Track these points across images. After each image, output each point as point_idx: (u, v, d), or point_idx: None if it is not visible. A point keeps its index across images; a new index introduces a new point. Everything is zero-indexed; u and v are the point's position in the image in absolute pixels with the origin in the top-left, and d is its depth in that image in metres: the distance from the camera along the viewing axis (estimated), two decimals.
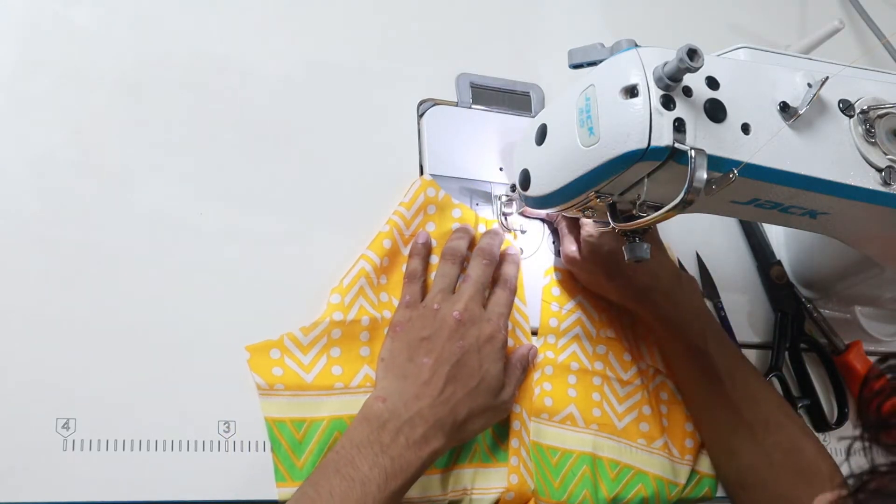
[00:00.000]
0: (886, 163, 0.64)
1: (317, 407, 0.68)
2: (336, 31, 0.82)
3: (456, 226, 0.76)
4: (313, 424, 0.68)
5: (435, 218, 0.77)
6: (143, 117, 0.72)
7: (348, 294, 0.71)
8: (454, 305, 0.70)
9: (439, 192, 0.77)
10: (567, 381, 0.76)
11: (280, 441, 0.67)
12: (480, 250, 0.75)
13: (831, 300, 0.90)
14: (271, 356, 0.69)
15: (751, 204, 0.65)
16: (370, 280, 0.73)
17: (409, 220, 0.76)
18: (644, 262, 0.68)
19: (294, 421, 0.67)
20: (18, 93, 0.70)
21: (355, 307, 0.71)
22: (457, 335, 0.68)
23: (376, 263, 0.73)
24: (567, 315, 0.78)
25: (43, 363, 0.63)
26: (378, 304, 0.73)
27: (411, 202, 0.76)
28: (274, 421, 0.67)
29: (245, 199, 0.73)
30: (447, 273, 0.73)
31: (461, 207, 0.78)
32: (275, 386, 0.68)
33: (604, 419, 0.75)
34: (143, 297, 0.67)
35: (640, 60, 0.60)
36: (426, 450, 0.63)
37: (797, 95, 0.62)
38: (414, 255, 0.74)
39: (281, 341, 0.69)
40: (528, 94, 0.86)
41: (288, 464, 0.66)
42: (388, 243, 0.74)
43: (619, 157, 0.60)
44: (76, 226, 0.67)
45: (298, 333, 0.70)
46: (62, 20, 0.73)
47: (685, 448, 0.79)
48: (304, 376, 0.69)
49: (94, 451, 0.62)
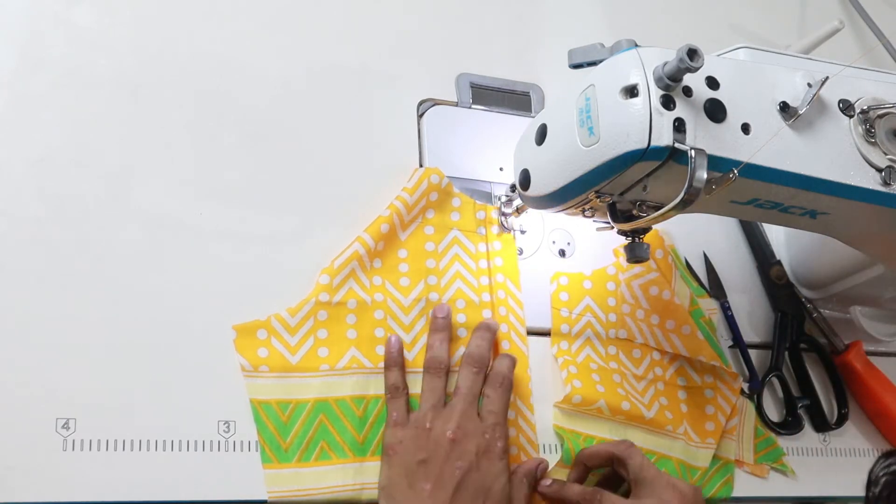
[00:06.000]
0: (886, 163, 0.64)
1: (302, 388, 0.69)
2: (336, 32, 0.82)
3: (440, 314, 0.73)
4: (298, 406, 0.68)
5: (435, 205, 0.77)
6: (143, 117, 0.72)
7: (338, 276, 0.72)
8: (447, 424, 0.67)
9: (443, 180, 0.78)
10: (593, 379, 0.76)
11: (265, 422, 0.67)
12: (469, 357, 0.71)
13: (831, 300, 0.90)
14: (258, 336, 0.69)
15: (751, 204, 0.65)
16: (362, 263, 0.73)
17: (411, 206, 0.76)
18: (643, 261, 0.68)
19: (279, 402, 0.68)
20: (18, 93, 0.70)
21: (343, 289, 0.72)
22: (454, 455, 0.66)
23: (370, 247, 0.73)
24: (577, 319, 0.79)
25: (43, 363, 0.63)
26: (370, 287, 0.73)
27: (414, 188, 0.76)
28: (259, 402, 0.67)
29: (245, 199, 0.73)
30: (434, 388, 0.70)
31: (460, 196, 0.79)
32: (259, 368, 0.68)
33: (633, 410, 0.76)
34: (142, 297, 0.67)
35: (640, 60, 0.60)
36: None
37: (797, 95, 0.62)
38: (391, 366, 0.71)
39: (268, 322, 0.69)
40: (528, 94, 0.86)
41: (274, 445, 0.67)
42: (386, 227, 0.74)
43: (619, 157, 0.60)
44: (76, 226, 0.68)
45: (285, 314, 0.70)
46: (62, 20, 0.73)
47: (706, 431, 0.79)
48: (289, 358, 0.69)
49: (94, 451, 0.62)
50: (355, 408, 0.70)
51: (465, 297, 0.76)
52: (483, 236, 0.79)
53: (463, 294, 0.76)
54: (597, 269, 0.81)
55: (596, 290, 0.81)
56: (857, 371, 0.86)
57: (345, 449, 0.68)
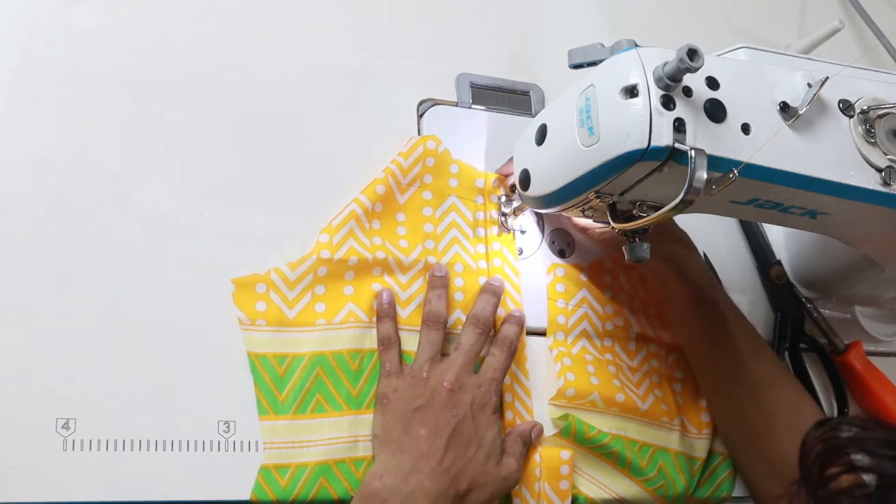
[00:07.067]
0: (886, 163, 0.64)
1: (299, 343, 0.69)
2: (336, 32, 0.82)
3: (437, 272, 0.74)
4: (295, 359, 0.69)
5: (433, 171, 0.77)
6: (143, 117, 0.72)
7: (337, 234, 0.72)
8: (444, 375, 0.68)
9: (439, 146, 0.78)
10: (587, 371, 0.76)
11: (262, 375, 0.67)
12: (474, 317, 0.72)
13: (831, 300, 0.90)
14: (256, 290, 0.69)
15: (751, 204, 0.65)
16: (360, 223, 0.73)
17: (407, 170, 0.76)
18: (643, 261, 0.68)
19: (276, 356, 0.68)
20: (18, 93, 0.70)
21: (344, 247, 0.72)
22: (450, 404, 0.67)
23: (367, 207, 0.74)
24: (573, 311, 0.79)
25: (43, 363, 0.63)
26: (371, 246, 0.73)
27: (409, 152, 0.77)
28: (256, 355, 0.68)
29: (245, 199, 0.73)
30: (432, 340, 0.70)
31: (459, 164, 0.79)
32: (256, 321, 0.68)
33: (628, 402, 0.76)
34: (142, 297, 0.67)
35: (640, 60, 0.60)
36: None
37: (797, 95, 0.62)
38: (383, 317, 0.71)
39: (267, 276, 0.70)
40: (528, 94, 0.86)
41: (270, 397, 0.67)
42: (382, 189, 0.75)
43: (619, 157, 0.60)
44: (76, 226, 0.67)
45: (285, 268, 0.70)
46: (62, 20, 0.73)
47: (702, 423, 0.80)
48: (286, 312, 0.69)
49: (94, 451, 0.62)
50: (351, 361, 0.70)
51: (462, 261, 0.76)
52: (481, 205, 0.79)
53: (460, 258, 0.76)
54: (594, 260, 0.82)
55: (592, 281, 0.81)
56: (857, 371, 0.86)
57: (340, 402, 0.69)
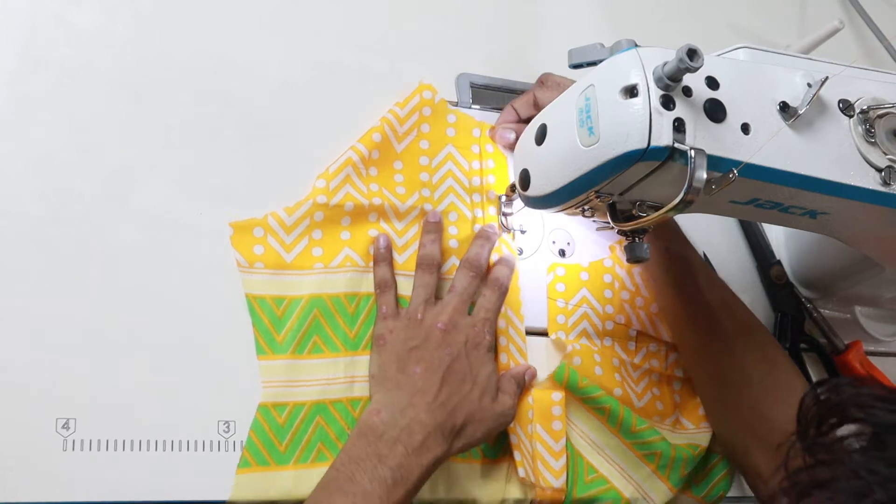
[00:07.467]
0: (886, 163, 0.64)
1: (296, 285, 0.70)
2: (336, 32, 0.82)
3: (432, 218, 0.75)
4: (293, 302, 0.70)
5: (430, 120, 0.78)
6: (143, 117, 0.72)
7: (334, 179, 0.73)
8: (438, 316, 0.70)
9: (436, 96, 0.79)
10: (594, 360, 0.76)
11: (260, 316, 0.69)
12: (468, 261, 0.74)
13: (831, 300, 0.90)
14: (254, 234, 0.70)
15: (751, 204, 0.65)
16: (357, 170, 0.74)
17: (403, 119, 0.77)
18: (644, 261, 0.68)
19: (274, 298, 0.69)
20: (18, 93, 0.69)
21: (341, 192, 0.73)
22: (444, 343, 0.69)
23: (364, 154, 0.74)
24: (573, 311, 0.79)
25: (43, 363, 0.63)
26: (368, 192, 0.74)
27: (406, 102, 0.77)
28: (254, 297, 0.69)
29: (245, 199, 0.73)
30: (426, 283, 0.72)
31: (456, 113, 0.79)
32: (254, 264, 0.70)
33: (624, 396, 0.76)
34: (142, 297, 0.67)
35: (640, 60, 0.59)
36: (427, 457, 0.63)
37: (797, 95, 0.62)
38: (379, 261, 0.73)
39: (265, 220, 0.71)
40: None
41: (268, 338, 0.68)
42: (378, 137, 0.75)
43: (618, 157, 0.60)
44: (76, 226, 0.67)
45: (282, 213, 0.71)
46: (62, 20, 0.73)
47: (699, 417, 0.80)
48: (284, 255, 0.71)
49: (94, 451, 0.62)
50: (347, 304, 0.71)
51: (457, 210, 0.77)
52: (477, 154, 0.79)
53: (455, 207, 0.77)
54: (594, 260, 0.82)
55: (593, 281, 0.81)
56: (857, 371, 0.86)
57: (337, 343, 0.70)
